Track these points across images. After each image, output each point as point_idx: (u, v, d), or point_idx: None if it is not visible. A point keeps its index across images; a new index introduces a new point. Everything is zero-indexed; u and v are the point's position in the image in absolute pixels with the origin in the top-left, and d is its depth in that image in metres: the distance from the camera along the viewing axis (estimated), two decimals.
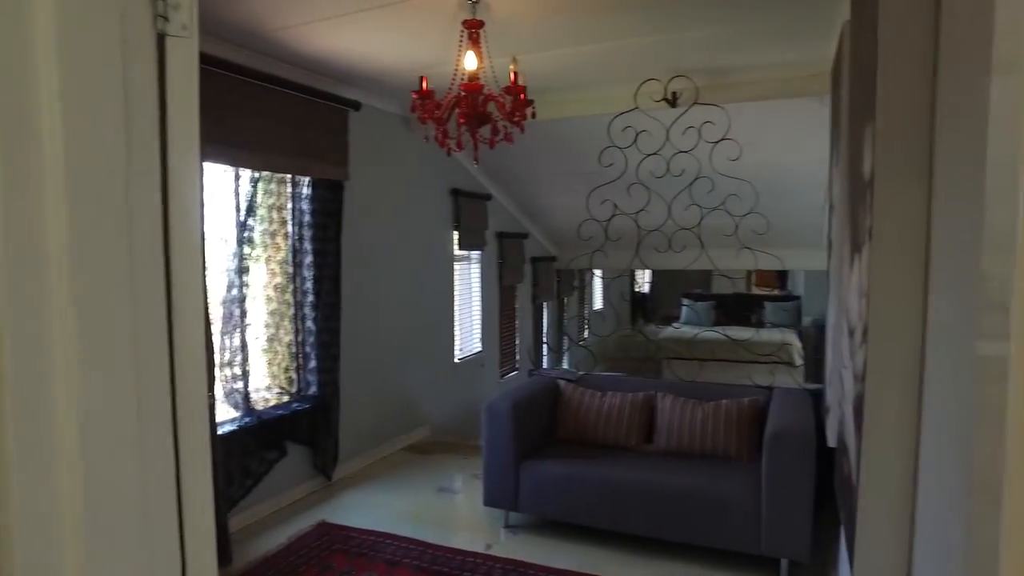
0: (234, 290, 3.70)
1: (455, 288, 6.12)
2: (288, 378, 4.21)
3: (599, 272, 8.66)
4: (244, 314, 3.78)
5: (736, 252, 4.04)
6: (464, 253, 6.28)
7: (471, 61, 2.93)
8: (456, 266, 6.13)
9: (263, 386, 4.08)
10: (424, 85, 3.00)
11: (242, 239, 3.75)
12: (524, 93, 2.95)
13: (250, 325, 3.89)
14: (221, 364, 3.67)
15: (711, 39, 3.48)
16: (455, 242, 6.05)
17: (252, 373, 3.91)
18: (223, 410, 3.70)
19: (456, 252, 6.09)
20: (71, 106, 0.69)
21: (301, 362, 4.26)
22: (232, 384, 3.75)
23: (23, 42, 0.67)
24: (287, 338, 4.18)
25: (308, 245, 4.16)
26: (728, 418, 3.57)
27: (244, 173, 3.77)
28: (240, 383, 3.78)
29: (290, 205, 4.13)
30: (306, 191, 4.14)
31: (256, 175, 3.85)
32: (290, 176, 4.08)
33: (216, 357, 3.59)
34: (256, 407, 3.91)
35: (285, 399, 4.16)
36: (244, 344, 3.79)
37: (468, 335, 6.48)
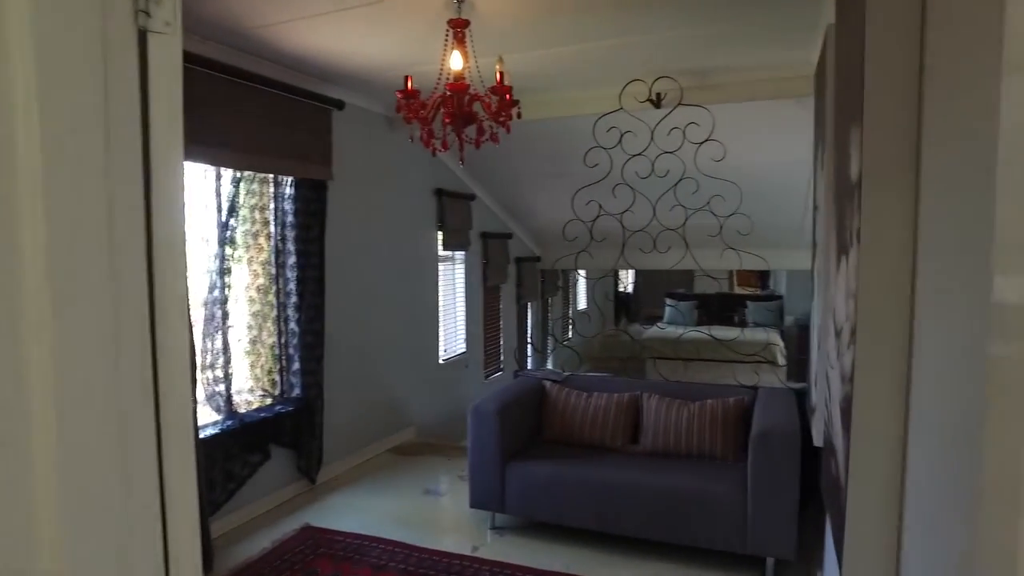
0: (216, 291, 3.65)
1: (439, 288, 6.10)
2: (271, 380, 4.16)
3: (583, 272, 8.67)
4: (226, 316, 3.72)
5: (720, 252, 4.06)
6: (448, 253, 6.26)
7: (457, 61, 2.91)
8: (440, 266, 6.10)
9: (246, 388, 4.02)
10: (409, 84, 2.97)
11: (224, 240, 3.70)
12: (510, 93, 2.94)
13: (232, 327, 3.84)
14: (203, 366, 3.62)
15: (696, 40, 3.49)
16: (439, 242, 6.02)
17: (235, 375, 3.86)
18: (205, 413, 3.65)
19: (440, 252, 6.07)
20: (48, 104, 0.67)
21: (284, 364, 4.21)
22: (214, 387, 3.69)
23: None
24: (270, 340, 4.14)
25: (291, 246, 4.12)
26: (713, 418, 3.58)
27: (226, 173, 3.72)
28: (222, 386, 3.73)
29: (273, 205, 4.08)
30: (289, 191, 4.10)
31: (238, 175, 3.80)
32: (272, 176, 4.04)
33: (198, 359, 3.54)
34: (239, 410, 3.86)
35: (268, 401, 4.11)
36: (226, 346, 3.74)
37: (453, 336, 6.45)
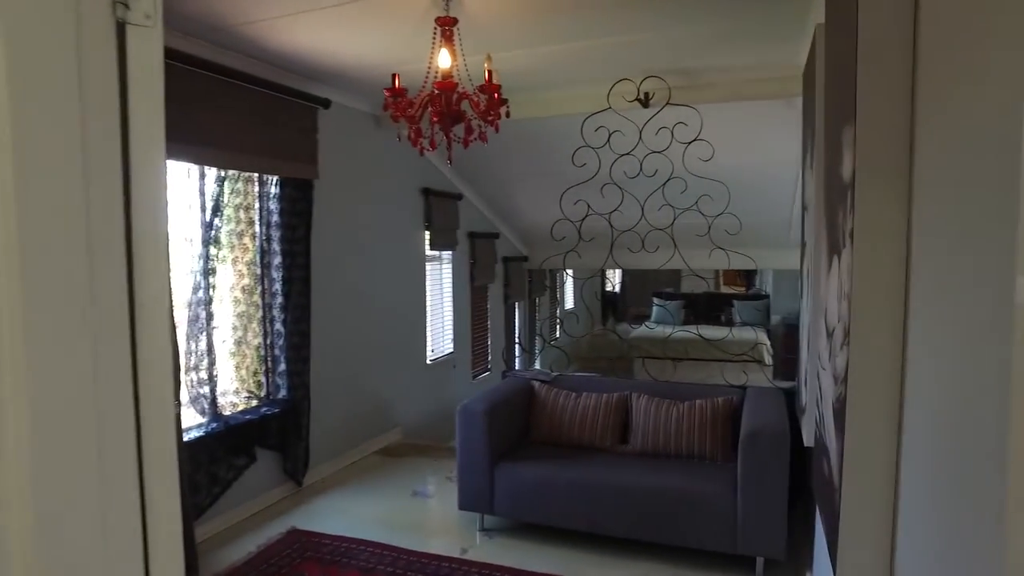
0: (200, 292, 3.60)
1: (427, 288, 6.06)
2: (257, 382, 4.11)
3: (571, 272, 8.67)
4: (210, 317, 3.67)
5: (708, 252, 4.06)
6: (436, 253, 6.22)
7: (445, 59, 2.88)
8: (428, 266, 6.07)
9: (231, 390, 3.97)
10: (396, 82, 2.94)
11: (208, 240, 3.64)
12: (499, 92, 2.91)
13: (217, 328, 3.79)
14: (187, 368, 3.56)
15: (684, 40, 3.48)
16: (427, 242, 5.98)
17: (219, 377, 3.81)
18: (189, 415, 3.60)
19: (428, 252, 6.03)
20: (18, 99, 0.64)
21: (270, 365, 4.16)
22: (198, 389, 3.64)
23: None
24: (255, 341, 4.08)
25: (277, 246, 4.07)
26: (702, 418, 3.57)
27: (210, 172, 3.67)
28: (207, 387, 3.68)
29: (258, 205, 4.03)
30: (274, 190, 4.05)
31: (222, 174, 3.74)
32: (257, 175, 3.99)
33: (182, 361, 3.48)
34: (224, 412, 3.81)
35: (254, 403, 4.06)
36: (211, 347, 3.68)
37: (440, 336, 6.42)
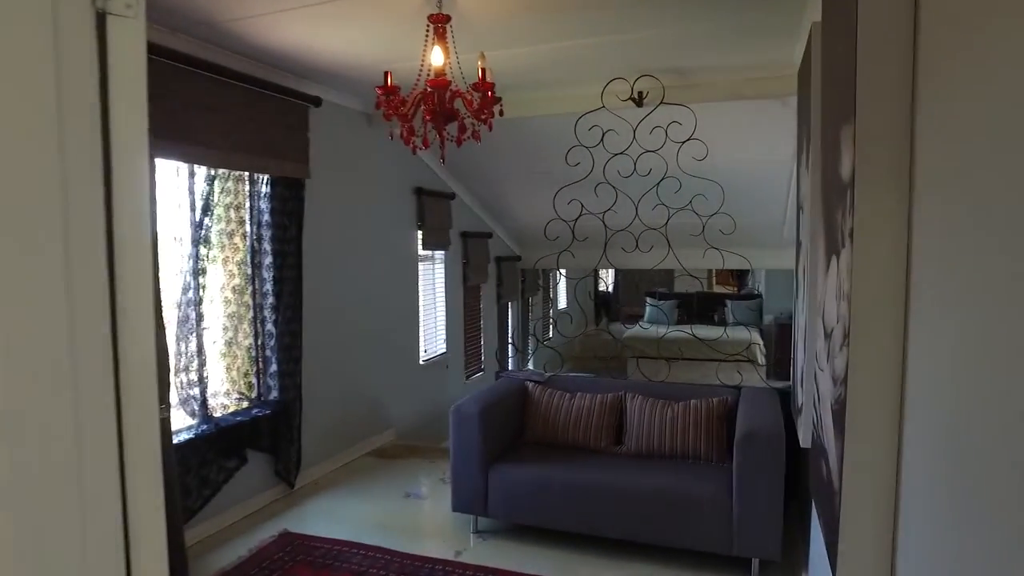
0: (190, 292, 3.55)
1: (419, 288, 6.02)
2: (248, 383, 4.07)
3: (563, 271, 8.64)
4: (201, 317, 3.63)
5: (703, 252, 4.05)
6: (428, 253, 6.19)
7: (437, 56, 2.85)
8: (420, 266, 6.03)
9: (222, 391, 3.92)
10: (389, 79, 2.90)
11: (198, 239, 3.60)
12: (492, 90, 2.88)
13: (207, 328, 3.74)
14: (177, 369, 3.51)
15: (678, 39, 3.46)
16: (419, 241, 5.95)
17: (210, 378, 3.76)
18: (179, 417, 3.55)
19: (420, 252, 5.99)
20: None
21: (261, 366, 4.12)
22: (188, 390, 3.59)
23: None
24: (246, 341, 4.04)
25: (268, 245, 4.02)
26: (697, 418, 3.56)
27: (199, 170, 3.62)
28: (197, 389, 3.63)
29: (248, 204, 3.99)
30: (265, 189, 4.01)
31: (212, 173, 3.70)
32: (248, 174, 3.94)
33: (171, 362, 3.44)
34: (214, 414, 3.76)
35: (245, 405, 4.01)
36: (201, 348, 3.64)
37: (433, 336, 6.38)
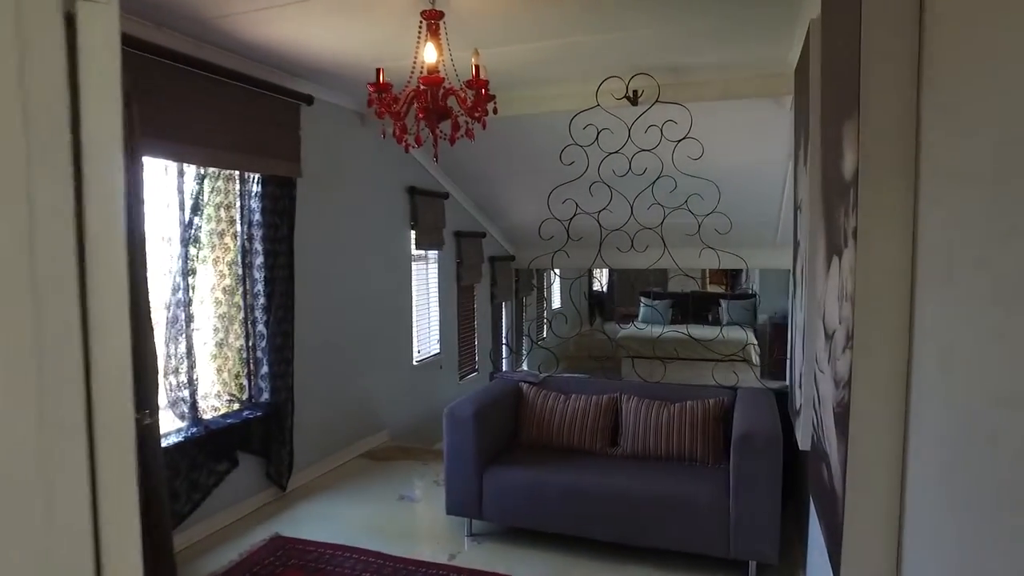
0: (179, 293, 3.50)
1: (413, 288, 5.98)
2: (239, 384, 4.01)
3: (558, 271, 8.62)
4: (190, 318, 3.57)
5: (698, 251, 4.01)
6: (421, 253, 6.14)
7: (430, 53, 2.81)
8: (413, 266, 5.98)
9: (212, 393, 3.87)
10: (381, 77, 2.86)
11: (187, 239, 3.54)
12: (486, 88, 2.85)
13: (197, 330, 3.69)
14: (166, 371, 3.46)
15: (673, 37, 3.43)
16: (412, 241, 5.90)
17: (200, 380, 3.71)
18: (168, 420, 3.49)
19: (413, 251, 5.95)
20: None
21: (252, 367, 4.07)
22: (178, 392, 3.54)
23: None
24: (237, 343, 3.98)
25: (259, 245, 3.97)
26: (693, 420, 3.53)
27: (189, 169, 3.57)
28: (187, 391, 3.58)
29: (239, 203, 3.93)
30: (256, 188, 3.95)
31: (202, 171, 3.64)
32: (238, 173, 3.89)
33: (160, 364, 3.38)
34: (204, 416, 3.71)
35: (236, 407, 3.96)
36: (191, 350, 3.59)
37: (426, 337, 6.33)
